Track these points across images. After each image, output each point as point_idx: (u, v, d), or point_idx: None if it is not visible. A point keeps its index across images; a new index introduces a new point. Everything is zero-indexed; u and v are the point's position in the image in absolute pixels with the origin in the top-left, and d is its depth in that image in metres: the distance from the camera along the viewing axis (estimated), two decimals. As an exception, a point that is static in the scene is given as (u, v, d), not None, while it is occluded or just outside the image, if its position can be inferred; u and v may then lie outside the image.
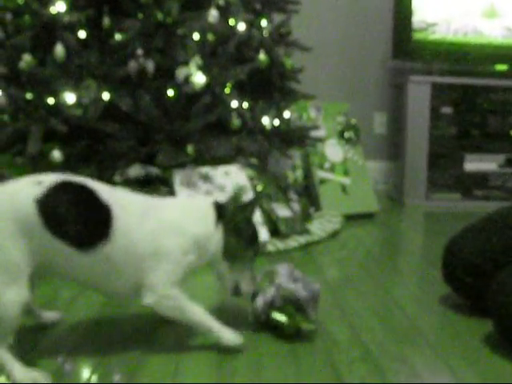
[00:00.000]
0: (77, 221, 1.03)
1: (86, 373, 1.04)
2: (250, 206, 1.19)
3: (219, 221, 1.17)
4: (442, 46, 3.25)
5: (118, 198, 1.10)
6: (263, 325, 1.25)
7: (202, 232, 1.15)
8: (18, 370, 0.99)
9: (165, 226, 1.12)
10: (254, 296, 1.25)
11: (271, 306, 1.21)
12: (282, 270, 1.26)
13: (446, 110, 3.21)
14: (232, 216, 1.17)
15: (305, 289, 1.20)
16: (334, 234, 2.25)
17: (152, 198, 1.18)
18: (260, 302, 1.22)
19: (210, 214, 1.17)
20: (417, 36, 3.22)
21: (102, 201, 1.07)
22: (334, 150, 2.73)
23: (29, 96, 2.02)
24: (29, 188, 1.02)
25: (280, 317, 1.20)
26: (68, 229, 1.03)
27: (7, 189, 1.02)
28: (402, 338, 1.23)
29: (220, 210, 1.18)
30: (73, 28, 1.99)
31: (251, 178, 2.13)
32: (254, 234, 1.20)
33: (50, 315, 1.27)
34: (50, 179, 1.05)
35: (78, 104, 1.90)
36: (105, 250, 1.06)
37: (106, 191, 1.09)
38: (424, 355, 1.14)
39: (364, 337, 1.23)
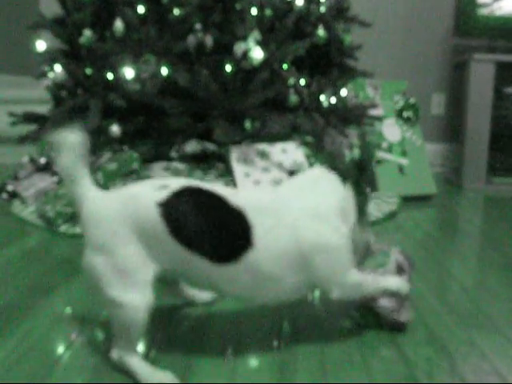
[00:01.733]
0: (212, 230, 0.91)
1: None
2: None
3: (345, 183, 1.03)
4: (507, 23, 3.09)
5: (247, 200, 0.96)
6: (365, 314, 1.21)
7: (339, 198, 1.01)
8: (145, 370, 0.93)
9: (304, 214, 0.97)
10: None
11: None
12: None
13: (510, 89, 3.06)
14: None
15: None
16: (390, 215, 2.19)
17: (276, 189, 1.03)
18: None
19: (335, 180, 1.03)
20: (481, 12, 3.08)
21: (234, 205, 0.94)
22: (391, 130, 2.66)
23: (88, 71, 2.05)
24: (152, 191, 0.93)
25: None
26: (202, 239, 0.91)
27: (128, 191, 0.95)
28: (469, 321, 1.18)
29: (340, 173, 1.04)
30: (132, 3, 1.99)
31: (307, 156, 2.09)
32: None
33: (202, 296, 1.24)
34: (174, 183, 0.95)
35: (137, 79, 1.91)
36: (250, 259, 0.93)
37: (233, 194, 0.96)
38: (494, 341, 1.09)
39: (428, 319, 1.18)
